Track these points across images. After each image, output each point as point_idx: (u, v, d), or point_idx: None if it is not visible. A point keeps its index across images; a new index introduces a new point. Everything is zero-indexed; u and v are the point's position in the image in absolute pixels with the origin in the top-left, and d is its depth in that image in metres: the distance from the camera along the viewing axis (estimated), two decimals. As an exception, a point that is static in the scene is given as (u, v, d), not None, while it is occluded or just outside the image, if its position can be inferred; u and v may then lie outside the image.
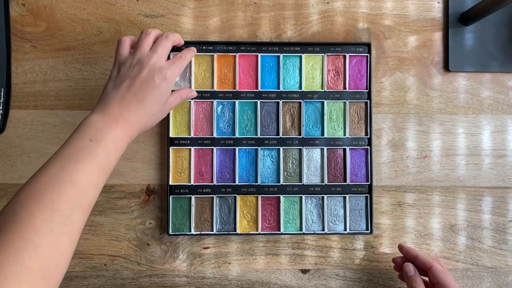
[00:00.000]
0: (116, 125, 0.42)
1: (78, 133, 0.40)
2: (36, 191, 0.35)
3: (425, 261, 0.52)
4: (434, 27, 0.61)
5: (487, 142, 0.61)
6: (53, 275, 0.33)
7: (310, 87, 0.59)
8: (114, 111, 0.43)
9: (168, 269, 0.58)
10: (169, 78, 0.47)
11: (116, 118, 0.43)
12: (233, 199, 0.58)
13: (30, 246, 0.32)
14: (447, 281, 0.49)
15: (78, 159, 0.38)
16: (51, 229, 0.33)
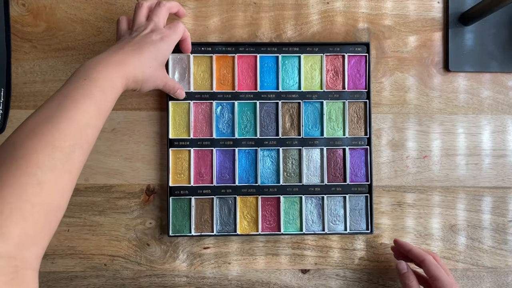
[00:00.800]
0: (110, 65, 0.42)
1: (74, 74, 0.41)
2: (36, 127, 0.34)
3: (418, 254, 0.52)
4: (434, 27, 0.61)
5: (487, 142, 0.61)
6: (55, 215, 0.33)
7: (309, 87, 0.59)
8: (109, 55, 0.44)
9: (168, 269, 0.58)
10: (166, 38, 0.49)
11: (110, 59, 0.43)
12: (233, 200, 0.58)
13: (34, 181, 0.31)
14: (439, 274, 0.49)
15: (75, 98, 0.38)
16: (54, 165, 0.33)
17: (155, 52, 0.47)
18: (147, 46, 0.47)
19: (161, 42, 0.48)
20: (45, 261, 0.58)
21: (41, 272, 0.58)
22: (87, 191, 0.58)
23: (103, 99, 0.40)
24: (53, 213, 0.33)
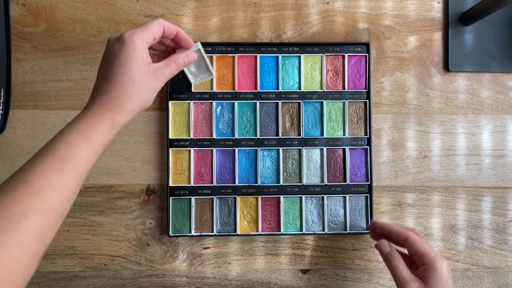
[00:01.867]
0: (89, 119, 0.37)
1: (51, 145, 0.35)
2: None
3: (400, 233, 0.49)
4: (434, 27, 0.61)
5: (487, 142, 0.61)
6: (7, 284, 0.29)
7: (309, 87, 0.59)
8: (89, 105, 0.38)
9: (168, 269, 0.58)
10: (127, 38, 0.39)
11: (89, 111, 0.37)
12: (233, 200, 0.58)
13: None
14: (427, 249, 0.46)
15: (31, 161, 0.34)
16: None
17: (124, 63, 0.39)
18: (113, 61, 0.39)
19: (123, 46, 0.39)
20: (45, 261, 0.58)
21: (41, 272, 0.58)
22: (87, 191, 0.58)
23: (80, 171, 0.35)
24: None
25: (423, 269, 0.45)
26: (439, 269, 0.44)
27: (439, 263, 0.44)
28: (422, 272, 0.45)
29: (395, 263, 0.47)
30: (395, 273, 0.46)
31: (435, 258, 0.45)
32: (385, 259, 0.49)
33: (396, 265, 0.46)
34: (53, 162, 0.33)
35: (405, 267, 0.46)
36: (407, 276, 0.45)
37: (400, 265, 0.46)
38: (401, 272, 0.45)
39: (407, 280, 0.44)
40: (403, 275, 0.45)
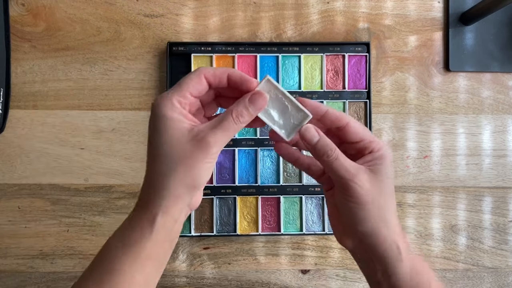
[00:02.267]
0: (130, 229, 0.33)
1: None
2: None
3: (340, 116, 0.34)
4: (434, 26, 0.61)
5: (488, 142, 0.61)
6: None
7: (310, 87, 0.59)
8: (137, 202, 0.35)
9: (167, 269, 0.58)
10: (153, 106, 0.31)
11: (132, 215, 0.34)
12: (233, 200, 0.58)
13: None
14: (369, 135, 0.35)
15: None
16: None
17: (155, 135, 0.31)
18: (150, 134, 0.32)
19: (154, 108, 0.31)
20: (45, 262, 0.58)
21: (40, 272, 0.58)
22: (86, 191, 0.58)
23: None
24: None
25: (371, 157, 0.34)
26: (388, 156, 0.34)
27: (386, 149, 0.35)
28: (370, 160, 0.34)
29: (334, 155, 0.33)
30: (335, 166, 0.33)
31: (382, 143, 0.35)
32: (317, 150, 0.33)
33: (335, 156, 0.33)
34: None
35: (345, 157, 0.33)
36: (353, 167, 0.33)
37: (340, 156, 0.33)
38: (344, 165, 0.32)
39: (352, 172, 0.32)
40: (346, 167, 0.32)
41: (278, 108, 0.34)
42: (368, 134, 0.35)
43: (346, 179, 0.32)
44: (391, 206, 0.34)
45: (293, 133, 0.34)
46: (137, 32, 0.59)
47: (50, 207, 0.58)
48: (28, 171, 0.58)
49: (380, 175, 0.33)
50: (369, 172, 0.33)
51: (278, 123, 0.34)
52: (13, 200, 0.58)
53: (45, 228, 0.58)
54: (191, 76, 0.32)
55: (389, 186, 0.34)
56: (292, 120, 0.34)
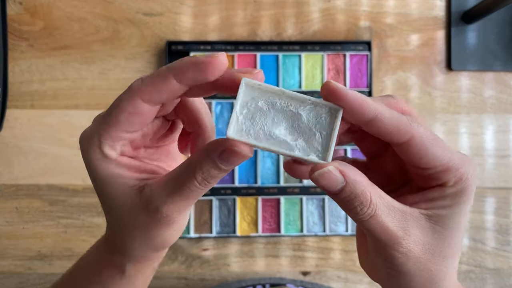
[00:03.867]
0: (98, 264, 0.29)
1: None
2: None
3: (398, 129, 0.21)
4: (436, 25, 0.61)
5: (490, 142, 0.60)
6: None
7: (310, 86, 0.59)
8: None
9: (166, 271, 0.58)
10: (84, 146, 0.23)
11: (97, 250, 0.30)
12: (232, 201, 0.57)
13: None
14: (446, 158, 0.21)
15: None
16: None
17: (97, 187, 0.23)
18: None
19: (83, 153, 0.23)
20: (43, 263, 0.57)
21: (38, 274, 0.57)
22: (84, 192, 0.57)
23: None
24: None
25: (438, 193, 0.22)
26: (470, 196, 0.22)
27: (471, 182, 0.22)
28: (432, 200, 0.22)
29: (369, 212, 0.20)
30: (370, 228, 0.21)
31: (464, 171, 0.21)
32: (340, 202, 0.21)
33: (370, 214, 0.20)
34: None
35: (387, 209, 0.21)
36: (397, 227, 0.21)
37: (378, 212, 0.20)
38: (384, 225, 0.21)
39: (398, 235, 0.21)
40: (388, 229, 0.21)
41: (282, 121, 0.21)
42: (444, 157, 0.21)
43: (383, 244, 0.21)
44: (449, 270, 0.22)
45: (330, 149, 0.21)
46: (135, 31, 0.58)
47: (48, 208, 0.57)
48: (26, 171, 0.57)
49: (446, 228, 0.21)
50: (426, 223, 0.21)
51: (295, 145, 0.21)
52: (10, 201, 0.57)
53: (43, 229, 0.57)
54: (121, 104, 0.21)
55: (454, 243, 0.22)
56: (314, 129, 0.21)
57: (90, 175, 0.22)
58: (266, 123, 0.21)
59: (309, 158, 0.20)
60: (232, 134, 0.20)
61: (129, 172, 0.22)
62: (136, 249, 0.24)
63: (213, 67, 0.20)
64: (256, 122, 0.21)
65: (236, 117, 0.20)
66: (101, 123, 0.22)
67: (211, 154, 0.20)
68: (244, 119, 0.21)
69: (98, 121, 0.22)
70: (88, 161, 0.22)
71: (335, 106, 0.20)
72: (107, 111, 0.22)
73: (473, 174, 0.22)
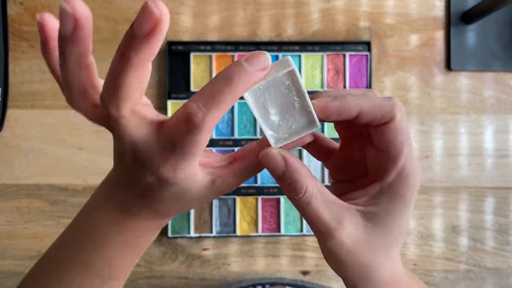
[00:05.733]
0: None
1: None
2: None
3: (381, 114, 0.23)
4: (436, 26, 0.61)
5: (490, 142, 0.60)
6: None
7: (310, 86, 0.59)
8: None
9: (167, 270, 0.58)
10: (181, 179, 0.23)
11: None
12: (232, 200, 0.57)
13: None
14: (403, 150, 0.23)
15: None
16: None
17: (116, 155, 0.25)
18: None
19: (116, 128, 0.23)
20: (43, 263, 0.57)
21: (38, 274, 0.57)
22: (85, 192, 0.58)
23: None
24: None
25: (377, 190, 0.23)
26: (407, 198, 0.23)
27: (411, 185, 0.23)
28: (374, 195, 0.23)
29: (304, 198, 0.22)
30: (305, 213, 0.23)
31: (408, 174, 0.23)
32: (283, 184, 0.23)
33: (306, 201, 0.22)
34: (96, 280, 0.27)
35: (323, 199, 0.23)
36: (331, 219, 0.22)
37: (313, 200, 0.22)
38: (318, 214, 0.22)
39: (331, 226, 0.22)
40: (322, 218, 0.22)
41: (281, 102, 0.23)
42: (400, 147, 0.23)
43: (319, 233, 0.23)
44: (382, 262, 0.23)
45: (285, 142, 0.23)
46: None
47: (48, 208, 0.57)
48: (26, 171, 0.57)
49: (377, 226, 0.23)
50: (359, 219, 0.23)
51: (271, 122, 0.23)
52: (11, 200, 0.57)
53: (43, 229, 0.57)
54: (193, 140, 0.21)
55: (384, 241, 0.23)
56: (291, 124, 0.23)
57: (171, 187, 0.23)
58: (270, 96, 0.23)
59: (268, 134, 0.23)
60: (276, 144, 0.23)
61: (203, 172, 0.24)
62: (175, 212, 0.26)
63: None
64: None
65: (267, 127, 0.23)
66: (179, 156, 0.22)
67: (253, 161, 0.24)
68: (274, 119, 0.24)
69: (169, 152, 0.22)
70: (178, 182, 0.23)
71: (315, 122, 0.23)
72: (172, 147, 0.22)
73: (415, 183, 0.23)
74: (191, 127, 0.20)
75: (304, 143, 0.24)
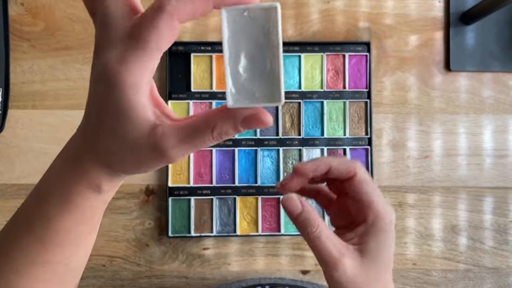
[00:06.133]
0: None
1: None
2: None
3: (346, 170, 0.29)
4: (435, 26, 0.61)
5: (489, 142, 0.60)
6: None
7: (310, 86, 0.59)
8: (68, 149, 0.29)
9: (167, 270, 0.58)
10: (112, 77, 0.21)
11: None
12: (232, 200, 0.58)
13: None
14: (371, 198, 0.29)
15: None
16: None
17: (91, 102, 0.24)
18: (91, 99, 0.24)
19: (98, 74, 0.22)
20: (44, 262, 0.57)
21: (39, 273, 0.57)
22: (86, 192, 0.58)
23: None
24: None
25: (363, 229, 0.29)
26: (387, 231, 0.29)
27: (387, 222, 0.29)
28: (362, 234, 0.29)
29: (316, 232, 0.28)
30: (316, 246, 0.28)
31: (383, 214, 0.29)
32: (298, 224, 0.29)
33: (317, 235, 0.28)
34: (35, 243, 0.26)
35: (330, 236, 0.29)
36: (335, 252, 0.28)
37: (323, 235, 0.28)
38: (326, 246, 0.28)
39: (335, 257, 0.28)
40: (329, 250, 0.28)
41: (254, 54, 0.21)
42: (369, 197, 0.29)
43: (327, 264, 0.28)
44: (379, 286, 0.29)
45: (241, 106, 0.21)
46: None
47: (49, 207, 0.58)
48: (27, 171, 0.58)
49: (369, 260, 0.28)
50: (356, 256, 0.28)
51: (237, 76, 0.21)
52: (12, 200, 0.58)
53: (44, 229, 0.58)
54: (159, 27, 0.20)
55: (380, 269, 0.29)
56: (255, 90, 0.21)
57: (112, 92, 0.21)
58: (243, 43, 0.21)
59: (228, 91, 0.21)
60: (233, 105, 0.21)
61: (150, 105, 0.22)
62: (125, 170, 0.25)
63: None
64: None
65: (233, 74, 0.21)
66: (133, 47, 0.20)
67: (236, 117, 0.21)
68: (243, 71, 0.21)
69: (125, 43, 0.21)
70: (119, 81, 0.21)
71: (279, 96, 0.21)
72: (135, 32, 0.20)
73: (391, 219, 0.29)
74: (157, 10, 0.20)
75: (259, 120, 0.21)
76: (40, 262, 0.26)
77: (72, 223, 0.26)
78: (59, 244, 0.26)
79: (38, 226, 0.26)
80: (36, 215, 0.26)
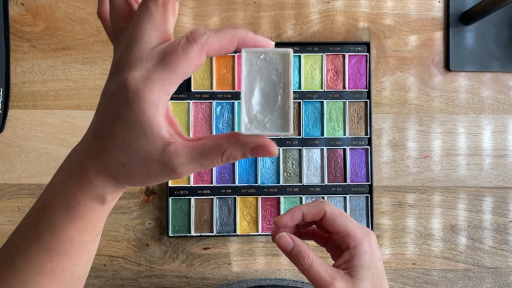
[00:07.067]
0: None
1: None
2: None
3: (315, 211, 0.35)
4: (434, 26, 0.61)
5: (488, 142, 0.61)
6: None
7: (310, 87, 0.59)
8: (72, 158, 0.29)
9: (167, 269, 0.58)
10: (133, 90, 0.22)
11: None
12: (233, 200, 0.58)
13: None
14: (346, 228, 0.34)
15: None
16: None
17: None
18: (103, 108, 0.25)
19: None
20: (44, 262, 0.57)
21: (40, 273, 0.57)
22: (86, 191, 0.58)
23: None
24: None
25: (349, 255, 0.34)
26: (367, 252, 0.33)
27: (366, 244, 0.33)
28: (347, 260, 0.34)
29: (307, 262, 0.33)
30: (309, 274, 0.33)
31: (361, 238, 0.33)
32: (291, 257, 0.34)
33: (309, 264, 0.33)
34: (40, 252, 0.27)
35: (320, 264, 0.33)
36: (327, 277, 0.32)
37: (314, 264, 0.33)
38: (318, 273, 0.33)
39: (328, 281, 0.32)
40: (321, 276, 0.32)
41: (267, 92, 0.24)
42: (344, 227, 0.34)
43: (319, 286, 0.32)
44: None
45: (253, 133, 0.23)
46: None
47: (50, 207, 0.58)
48: (27, 171, 0.58)
49: (358, 279, 0.32)
50: (347, 278, 0.33)
51: (251, 108, 0.23)
52: (12, 200, 0.58)
53: (44, 228, 0.58)
54: (190, 55, 0.22)
55: (372, 286, 0.33)
56: (266, 122, 0.23)
57: (131, 107, 0.22)
58: (259, 80, 0.24)
59: (244, 117, 0.23)
60: (245, 132, 0.23)
61: (166, 124, 0.23)
62: (131, 182, 0.25)
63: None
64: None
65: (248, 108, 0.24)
66: (161, 69, 0.22)
67: (245, 145, 0.23)
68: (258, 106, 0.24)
69: (154, 64, 0.22)
70: (141, 98, 0.22)
71: (288, 127, 0.23)
72: (167, 56, 0.22)
73: (370, 240, 0.34)
74: (191, 40, 0.22)
75: (266, 150, 0.23)
76: (46, 271, 0.27)
77: (76, 233, 0.27)
78: (64, 253, 0.27)
79: (43, 236, 0.26)
80: (41, 225, 0.27)
